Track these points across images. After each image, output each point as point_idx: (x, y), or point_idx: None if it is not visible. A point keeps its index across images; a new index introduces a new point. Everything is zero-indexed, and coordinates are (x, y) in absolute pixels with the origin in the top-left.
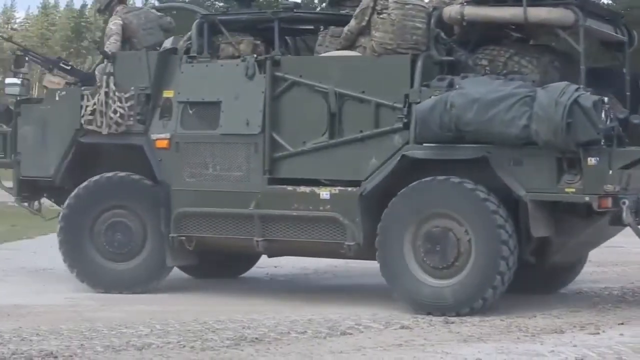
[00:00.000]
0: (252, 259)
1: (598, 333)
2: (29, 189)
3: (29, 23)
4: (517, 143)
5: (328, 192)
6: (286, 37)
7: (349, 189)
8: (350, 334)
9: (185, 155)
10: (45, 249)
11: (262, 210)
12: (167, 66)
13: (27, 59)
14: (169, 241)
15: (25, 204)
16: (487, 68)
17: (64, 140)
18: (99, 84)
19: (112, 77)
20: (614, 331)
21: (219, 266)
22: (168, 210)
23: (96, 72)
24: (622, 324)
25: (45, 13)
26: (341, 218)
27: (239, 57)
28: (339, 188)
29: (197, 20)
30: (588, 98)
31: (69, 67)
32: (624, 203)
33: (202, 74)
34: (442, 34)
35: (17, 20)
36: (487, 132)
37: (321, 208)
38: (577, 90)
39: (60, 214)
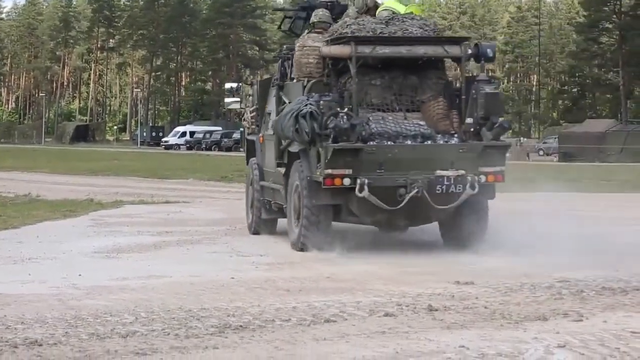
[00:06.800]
0: None
1: (581, 320)
2: None
3: (16, 12)
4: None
5: None
6: None
7: None
8: (334, 321)
9: None
10: (30, 238)
11: None
12: None
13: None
14: None
15: None
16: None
17: None
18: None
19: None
20: (597, 318)
21: None
22: None
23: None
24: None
25: (33, 3)
26: None
27: None
28: None
29: None
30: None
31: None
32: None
33: None
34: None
35: (5, 10)
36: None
37: None
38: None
39: None
